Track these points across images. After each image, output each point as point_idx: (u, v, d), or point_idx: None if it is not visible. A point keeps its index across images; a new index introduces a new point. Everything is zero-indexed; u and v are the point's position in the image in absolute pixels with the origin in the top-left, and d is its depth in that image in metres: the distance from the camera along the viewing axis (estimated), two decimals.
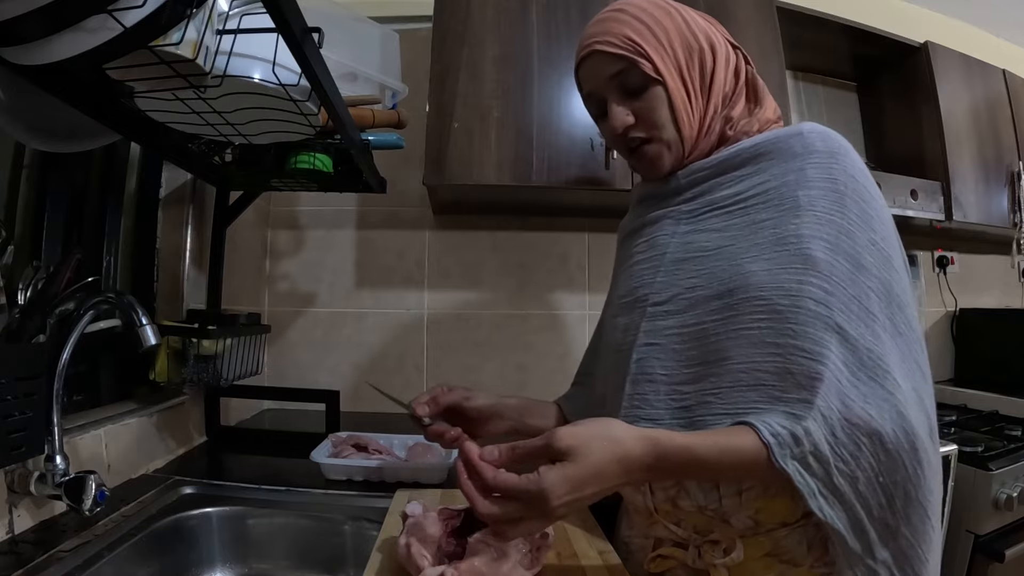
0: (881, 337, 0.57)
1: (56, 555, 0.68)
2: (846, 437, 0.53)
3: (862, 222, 0.61)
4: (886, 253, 0.61)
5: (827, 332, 0.56)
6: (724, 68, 0.69)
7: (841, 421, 0.53)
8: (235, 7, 0.65)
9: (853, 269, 0.58)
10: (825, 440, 0.53)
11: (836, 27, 1.75)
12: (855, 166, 0.64)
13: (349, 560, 0.88)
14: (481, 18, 1.33)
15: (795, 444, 0.52)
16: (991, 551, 1.29)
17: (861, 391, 0.55)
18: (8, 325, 0.71)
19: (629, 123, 0.69)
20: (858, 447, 0.53)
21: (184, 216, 1.23)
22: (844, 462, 0.53)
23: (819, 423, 0.53)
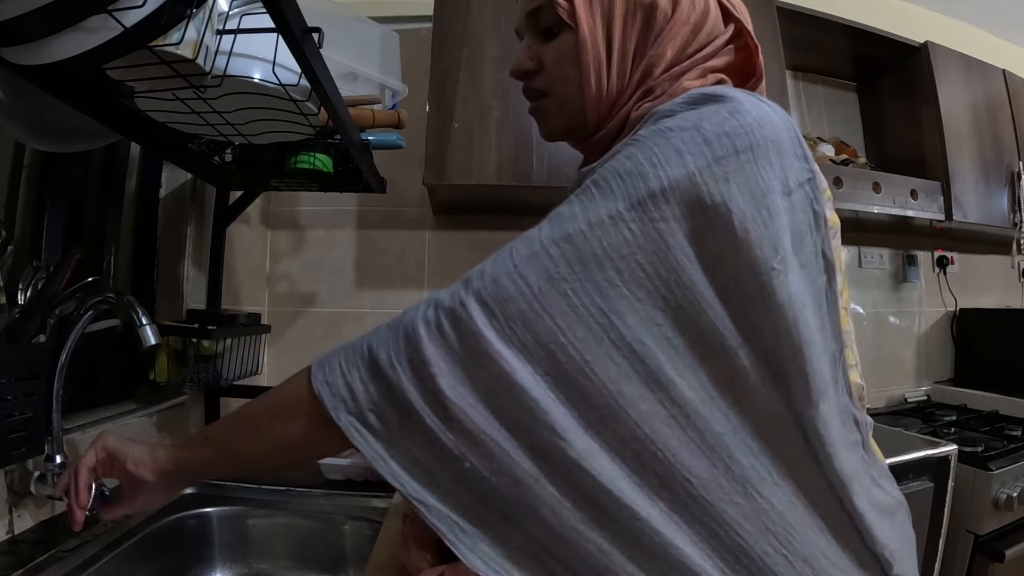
0: None
1: (56, 555, 0.68)
2: (423, 396, 0.43)
3: (616, 183, 0.44)
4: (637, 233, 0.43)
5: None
6: (684, 37, 0.53)
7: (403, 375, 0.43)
8: (235, 7, 0.65)
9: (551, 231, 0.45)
10: (377, 390, 0.44)
11: (836, 27, 1.75)
12: (700, 116, 0.44)
13: (349, 560, 0.88)
14: (481, 18, 1.33)
15: (351, 397, 0.45)
16: (991, 551, 1.29)
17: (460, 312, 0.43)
18: (8, 325, 0.71)
19: (526, 68, 0.58)
20: (443, 414, 0.42)
21: (184, 216, 1.23)
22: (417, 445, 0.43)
23: (382, 365, 0.44)
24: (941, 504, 1.27)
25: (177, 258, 1.22)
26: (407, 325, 0.45)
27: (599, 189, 0.44)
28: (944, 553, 1.29)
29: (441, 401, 0.42)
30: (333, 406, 0.45)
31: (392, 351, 0.44)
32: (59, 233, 0.94)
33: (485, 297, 0.43)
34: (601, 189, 0.44)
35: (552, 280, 0.42)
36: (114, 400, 1.02)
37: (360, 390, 0.45)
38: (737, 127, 0.44)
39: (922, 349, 2.02)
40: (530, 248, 0.44)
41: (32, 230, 0.91)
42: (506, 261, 0.44)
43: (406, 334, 0.44)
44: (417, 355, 0.43)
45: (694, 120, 0.44)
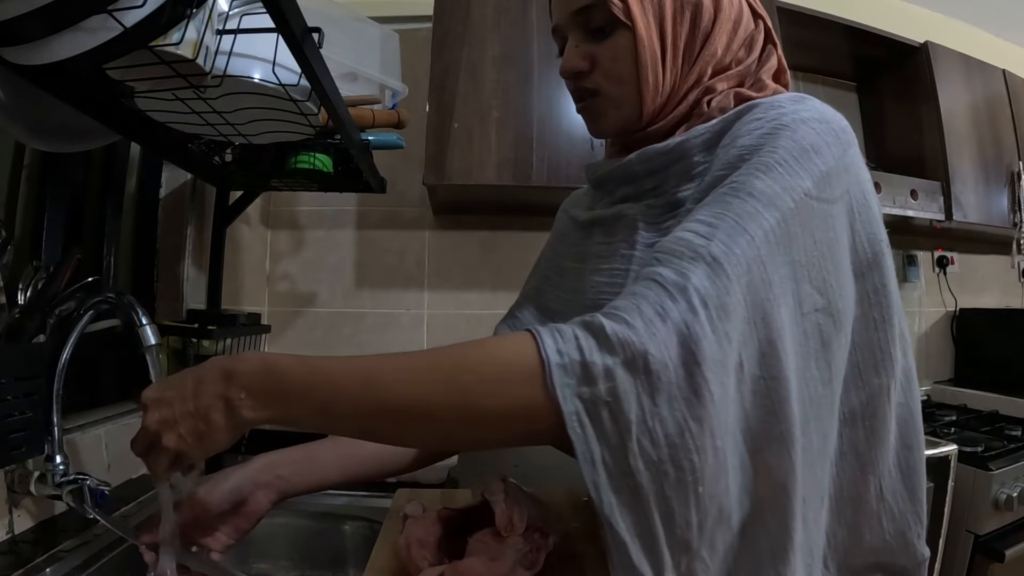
0: None
1: (56, 555, 0.68)
2: (672, 414, 0.36)
3: (796, 164, 0.45)
4: (825, 215, 0.46)
5: (696, 261, 0.40)
6: (728, 34, 0.56)
7: (679, 384, 0.36)
8: (235, 7, 0.65)
9: (757, 208, 0.43)
10: (636, 398, 0.36)
11: (836, 27, 1.75)
12: (822, 132, 0.47)
13: (349, 560, 0.88)
14: (481, 18, 1.33)
15: (585, 379, 0.37)
16: (991, 551, 1.29)
17: (717, 350, 0.37)
18: (8, 325, 0.71)
19: (581, 68, 0.57)
20: (680, 431, 0.36)
21: (184, 216, 1.23)
22: (653, 443, 0.36)
23: (637, 370, 0.36)
24: (941, 504, 1.27)
25: (177, 258, 1.22)
26: (677, 320, 0.37)
27: (783, 167, 0.45)
28: (944, 553, 1.29)
29: (700, 416, 0.36)
30: (561, 382, 0.37)
31: (661, 343, 0.37)
32: (59, 233, 0.94)
33: (744, 287, 0.40)
34: (785, 167, 0.45)
35: (776, 266, 0.42)
36: (114, 400, 1.02)
37: (601, 375, 0.36)
38: (847, 124, 0.50)
39: (922, 349, 2.02)
40: (762, 231, 0.42)
41: (32, 230, 0.91)
42: (745, 244, 0.41)
43: (679, 331, 0.37)
44: (693, 358, 0.37)
45: (819, 113, 0.48)
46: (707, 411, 0.36)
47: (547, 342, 0.38)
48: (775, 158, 0.45)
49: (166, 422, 0.45)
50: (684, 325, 0.37)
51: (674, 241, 0.42)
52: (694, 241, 0.41)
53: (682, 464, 0.36)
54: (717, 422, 0.37)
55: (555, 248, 0.74)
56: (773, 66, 0.59)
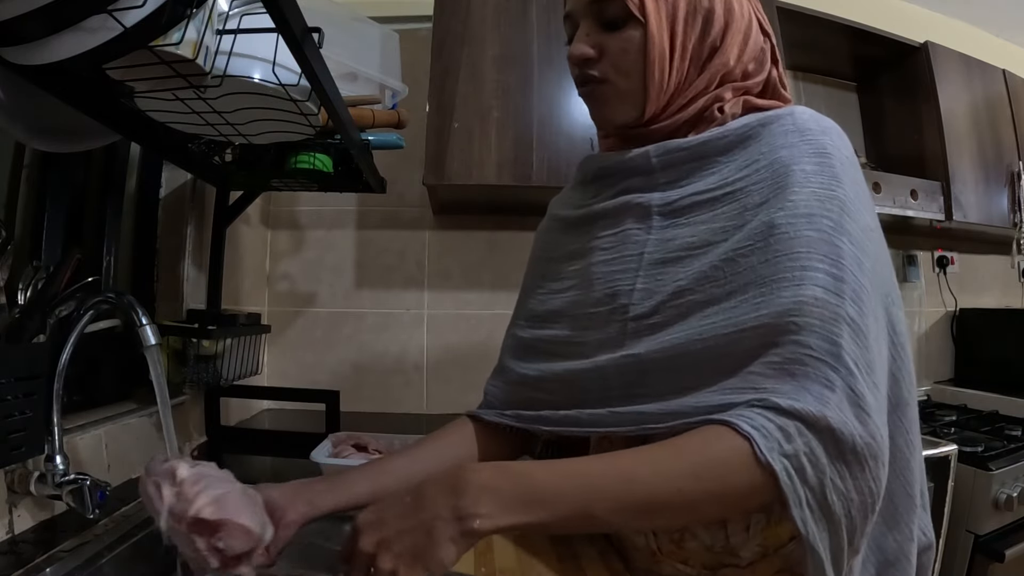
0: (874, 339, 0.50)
1: (56, 555, 0.68)
2: (853, 455, 0.45)
3: (859, 202, 0.53)
4: (880, 243, 0.55)
5: (838, 323, 0.47)
6: (739, 45, 0.58)
7: (853, 434, 0.44)
8: (235, 7, 0.65)
9: (858, 254, 0.50)
10: (823, 448, 0.44)
11: (836, 27, 1.75)
12: (848, 147, 0.57)
13: None
14: (481, 18, 1.33)
15: (785, 439, 0.44)
16: (991, 551, 1.29)
17: (874, 401, 0.46)
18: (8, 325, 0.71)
19: (588, 55, 0.59)
20: (862, 467, 0.45)
21: (184, 216, 1.23)
22: (842, 478, 0.44)
23: (820, 428, 0.44)
24: (941, 504, 1.27)
25: (177, 258, 1.22)
26: (842, 387, 0.45)
27: (853, 202, 0.52)
28: (944, 553, 1.29)
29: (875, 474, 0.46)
30: (767, 447, 0.43)
31: (835, 407, 0.45)
32: (59, 233, 0.94)
33: (873, 340, 0.49)
34: (853, 201, 0.52)
35: (884, 306, 0.54)
36: (114, 400, 1.02)
37: (795, 434, 0.44)
38: (848, 140, 0.58)
39: (922, 349, 2.02)
40: (870, 279, 0.51)
41: (32, 230, 0.91)
42: (865, 298, 0.49)
43: (848, 395, 0.45)
44: (862, 411, 0.45)
45: (839, 133, 0.56)
46: (873, 451, 0.45)
47: (743, 426, 0.45)
48: (845, 194, 0.52)
49: (383, 543, 0.44)
50: (850, 389, 0.45)
51: (810, 303, 0.47)
52: (831, 301, 0.47)
53: (863, 490, 0.45)
54: (884, 457, 0.46)
55: (541, 257, 0.74)
56: (775, 82, 0.63)
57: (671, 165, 0.59)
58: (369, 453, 1.04)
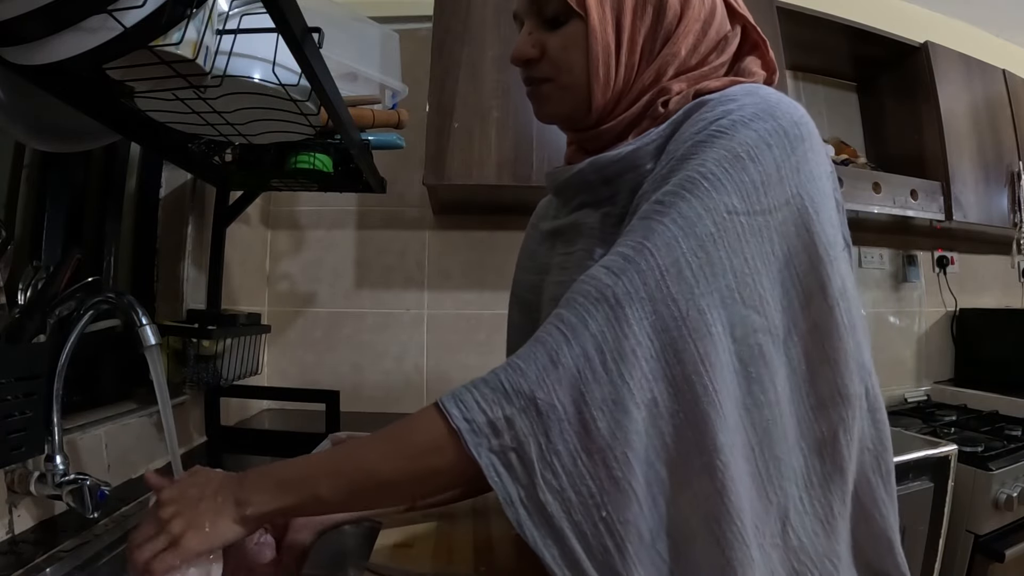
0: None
1: (56, 555, 0.68)
2: (565, 447, 0.41)
3: (718, 183, 0.44)
4: (741, 228, 0.44)
5: (595, 300, 0.43)
6: (696, 34, 0.53)
7: (569, 420, 0.41)
8: (235, 7, 0.65)
9: (676, 234, 0.43)
10: (534, 438, 0.41)
11: (836, 27, 1.75)
12: (764, 135, 0.45)
13: (349, 560, 0.88)
14: (481, 18, 1.33)
15: (493, 433, 0.42)
16: (991, 551, 1.29)
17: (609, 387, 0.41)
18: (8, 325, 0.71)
19: (529, 56, 0.57)
20: (575, 460, 0.41)
21: (184, 216, 1.23)
22: (555, 475, 0.41)
23: (530, 413, 0.41)
24: (941, 504, 1.27)
25: (177, 258, 1.22)
26: (569, 365, 0.41)
27: (709, 182, 0.44)
28: (944, 553, 1.29)
29: (600, 445, 0.41)
30: (475, 443, 0.42)
31: (550, 387, 0.41)
32: (59, 233, 0.94)
33: (648, 327, 0.42)
34: (711, 182, 0.44)
35: (694, 298, 0.42)
36: (114, 400, 1.02)
37: (504, 427, 0.42)
38: (801, 116, 0.47)
39: (922, 349, 2.02)
40: (676, 265, 0.42)
41: (32, 230, 0.91)
42: (653, 283, 0.42)
43: (570, 374, 0.41)
44: (582, 398, 0.41)
45: (767, 108, 0.46)
46: (596, 444, 0.40)
47: (454, 414, 0.43)
48: (702, 171, 0.44)
49: (179, 513, 0.49)
50: (575, 369, 0.41)
51: (586, 280, 0.44)
52: (603, 281, 0.43)
53: (580, 490, 0.41)
54: (612, 455, 0.40)
55: (522, 263, 0.75)
56: (753, 70, 0.56)
57: (607, 180, 0.55)
58: None
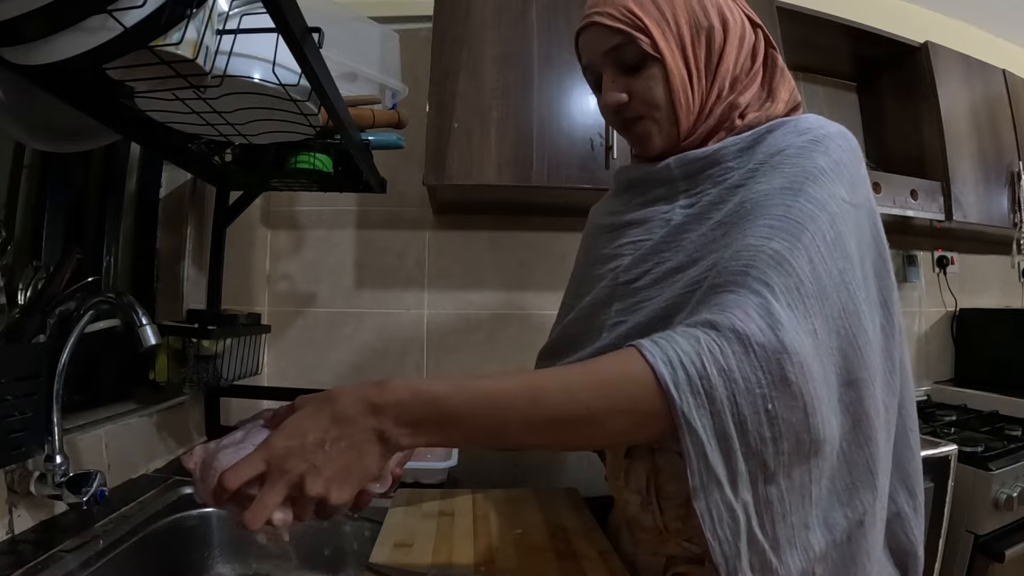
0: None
1: (56, 555, 0.68)
2: (744, 349, 0.45)
3: (835, 175, 0.55)
4: (857, 219, 0.56)
5: (761, 259, 0.49)
6: (736, 48, 0.63)
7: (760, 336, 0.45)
8: (235, 7, 0.65)
9: (814, 209, 0.52)
10: (727, 346, 0.45)
11: (836, 27, 1.75)
12: (847, 141, 0.59)
13: (349, 560, 0.88)
14: (481, 18, 1.33)
15: (679, 350, 0.46)
16: (991, 551, 1.29)
17: (792, 319, 0.47)
18: (8, 325, 0.71)
19: (622, 101, 0.64)
20: (770, 372, 0.44)
21: (184, 216, 1.23)
22: (724, 356, 0.45)
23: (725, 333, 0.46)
24: (941, 504, 1.27)
25: (177, 258, 1.22)
26: (757, 305, 0.47)
27: (826, 176, 0.54)
28: (944, 553, 1.29)
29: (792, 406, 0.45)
30: (674, 381, 0.44)
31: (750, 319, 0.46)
32: (59, 233, 0.94)
33: (809, 272, 0.50)
34: (827, 175, 0.54)
35: (836, 264, 0.52)
36: (114, 400, 1.02)
37: (698, 339, 0.46)
38: (856, 141, 0.61)
39: (922, 349, 2.02)
40: (820, 232, 0.52)
41: (32, 230, 0.91)
42: (811, 246, 0.51)
43: (761, 311, 0.46)
44: (772, 320, 0.46)
45: (839, 130, 0.60)
46: (771, 352, 0.45)
47: (646, 344, 0.47)
48: (820, 166, 0.54)
49: (311, 470, 0.44)
50: (765, 309, 0.47)
51: (749, 248, 0.51)
52: (764, 245, 0.50)
53: (749, 378, 0.44)
54: (790, 362, 0.44)
55: (579, 258, 0.80)
56: (778, 68, 0.67)
57: (690, 174, 0.64)
58: None
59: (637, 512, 0.67)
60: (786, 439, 0.45)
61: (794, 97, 0.67)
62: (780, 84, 0.66)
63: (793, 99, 0.67)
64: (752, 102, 0.65)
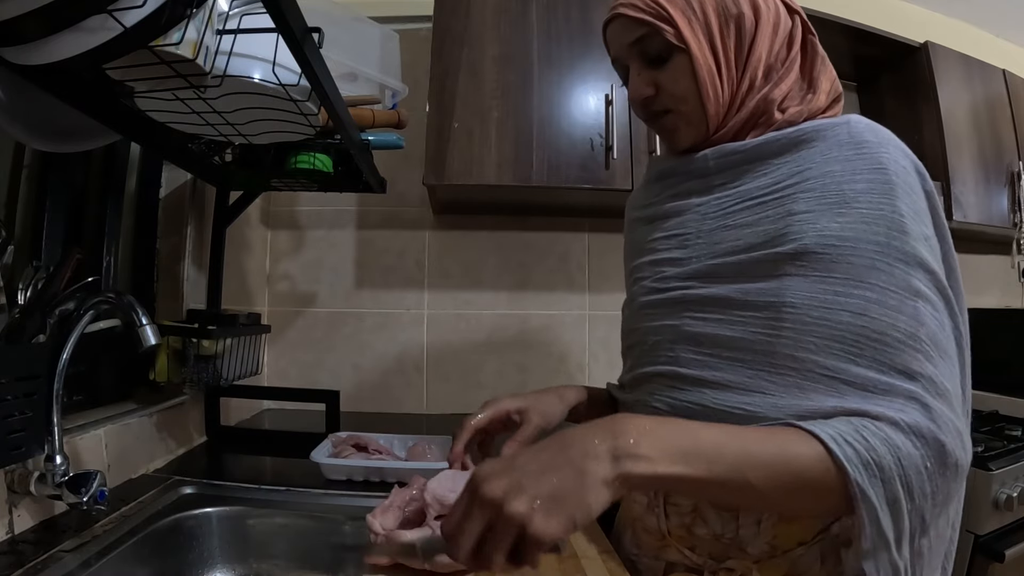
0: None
1: (56, 555, 0.68)
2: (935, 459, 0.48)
3: (913, 214, 0.53)
4: (939, 251, 0.56)
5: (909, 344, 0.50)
6: (770, 37, 0.60)
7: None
8: (235, 7, 0.65)
9: (907, 269, 0.52)
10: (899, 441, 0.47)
11: (836, 27, 1.74)
12: (907, 157, 0.57)
13: (349, 560, 0.88)
14: (481, 18, 1.33)
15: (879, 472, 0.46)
16: (991, 551, 1.29)
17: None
18: (8, 325, 0.71)
19: (648, 94, 0.63)
20: (934, 463, 0.47)
21: (184, 216, 1.23)
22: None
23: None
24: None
25: (177, 258, 1.22)
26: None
27: (905, 217, 0.53)
28: None
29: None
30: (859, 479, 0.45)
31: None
32: (59, 233, 0.94)
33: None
34: (905, 215, 0.53)
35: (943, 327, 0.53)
36: (114, 400, 1.02)
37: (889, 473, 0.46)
38: (909, 155, 0.59)
39: None
40: (937, 296, 0.53)
41: (32, 230, 0.91)
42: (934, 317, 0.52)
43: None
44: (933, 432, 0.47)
45: (894, 155, 0.56)
46: (927, 435, 0.47)
47: (835, 450, 0.46)
48: (899, 209, 0.53)
49: (514, 487, 0.39)
50: (913, 400, 0.48)
51: (892, 337, 0.50)
52: (889, 326, 0.50)
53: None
54: (941, 432, 0.47)
55: (625, 251, 0.79)
56: (819, 55, 0.63)
57: (727, 167, 0.62)
58: (369, 453, 1.04)
59: (642, 513, 0.67)
60: (941, 491, 0.47)
61: (835, 88, 0.64)
62: (821, 74, 0.62)
63: (835, 90, 0.64)
64: (792, 94, 0.61)
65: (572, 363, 1.67)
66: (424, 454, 1.04)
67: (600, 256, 1.67)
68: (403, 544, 0.57)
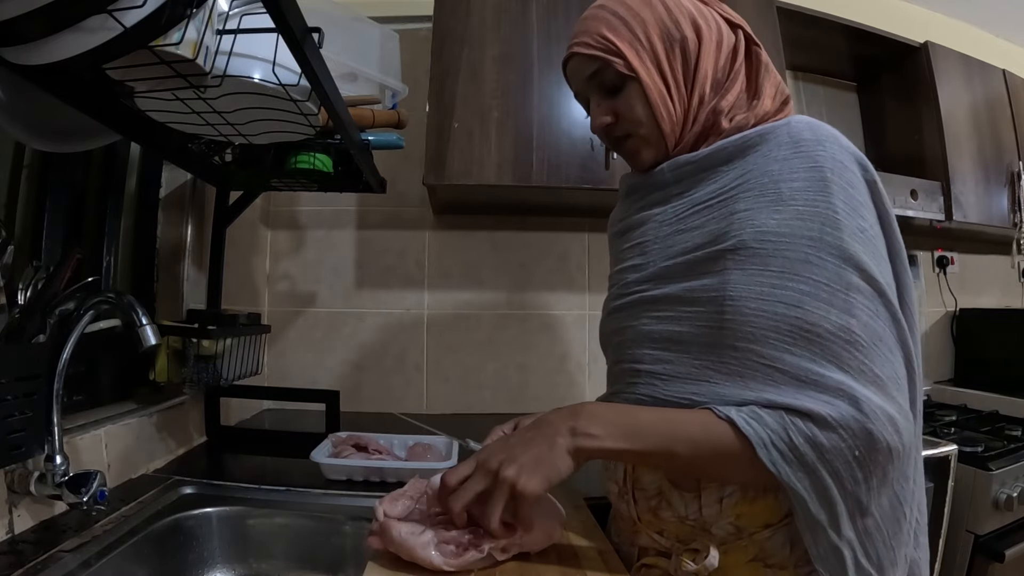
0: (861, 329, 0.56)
1: (56, 555, 0.68)
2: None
3: (851, 209, 0.57)
4: (875, 244, 0.59)
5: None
6: (714, 54, 0.65)
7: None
8: (235, 7, 0.65)
9: (839, 263, 0.55)
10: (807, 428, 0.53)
11: (836, 27, 1.75)
12: (845, 151, 0.60)
13: (349, 560, 0.88)
14: (481, 18, 1.33)
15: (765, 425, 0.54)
16: (991, 551, 1.29)
17: None
18: (8, 325, 0.71)
19: (607, 122, 0.68)
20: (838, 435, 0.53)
21: (184, 216, 1.23)
22: (811, 437, 0.53)
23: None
24: (941, 504, 1.27)
25: (177, 258, 1.22)
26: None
27: (839, 213, 0.57)
28: (944, 553, 1.29)
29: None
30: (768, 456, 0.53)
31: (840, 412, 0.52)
32: (59, 233, 0.94)
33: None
34: (839, 211, 0.57)
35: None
36: (114, 400, 1.02)
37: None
38: (847, 146, 0.62)
39: (922, 349, 2.02)
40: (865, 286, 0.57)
41: (32, 230, 0.91)
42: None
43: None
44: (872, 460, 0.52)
45: (831, 150, 0.59)
46: (856, 428, 0.52)
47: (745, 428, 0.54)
48: (834, 205, 0.57)
49: (507, 459, 0.55)
50: (842, 393, 0.53)
51: (824, 328, 0.54)
52: (843, 323, 0.54)
53: (836, 444, 0.52)
54: (870, 421, 0.52)
55: (610, 265, 0.83)
56: (763, 64, 0.67)
57: (682, 178, 0.67)
58: (369, 453, 1.04)
59: (616, 501, 0.70)
60: (875, 475, 0.52)
61: (781, 91, 0.67)
62: (765, 80, 0.66)
63: (781, 93, 0.67)
64: (737, 103, 0.65)
65: (572, 363, 1.67)
66: (424, 454, 1.04)
67: (600, 256, 1.67)
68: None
